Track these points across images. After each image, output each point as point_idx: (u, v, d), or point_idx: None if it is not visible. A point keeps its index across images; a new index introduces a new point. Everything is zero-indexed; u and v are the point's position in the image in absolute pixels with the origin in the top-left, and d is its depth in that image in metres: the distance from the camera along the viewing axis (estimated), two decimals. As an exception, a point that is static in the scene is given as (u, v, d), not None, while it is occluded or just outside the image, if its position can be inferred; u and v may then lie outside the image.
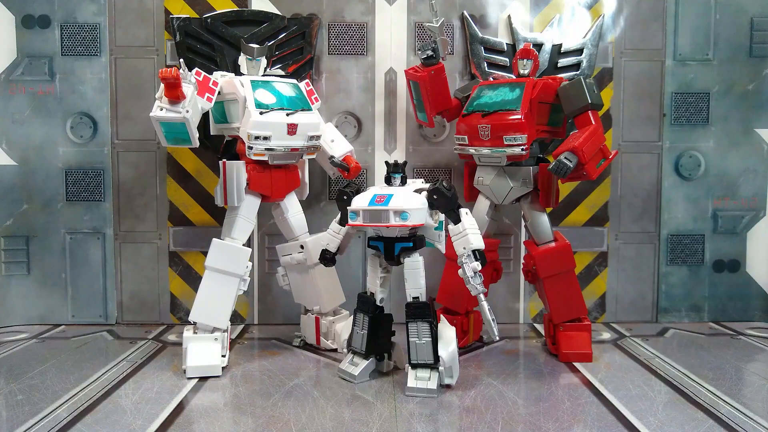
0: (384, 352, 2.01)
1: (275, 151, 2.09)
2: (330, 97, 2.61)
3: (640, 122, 2.65)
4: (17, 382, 1.95)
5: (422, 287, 1.88)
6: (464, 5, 2.59)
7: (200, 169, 2.61)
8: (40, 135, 2.58)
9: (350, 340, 2.03)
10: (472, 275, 1.79)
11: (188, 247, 2.63)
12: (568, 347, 2.16)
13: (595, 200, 2.67)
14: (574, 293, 2.21)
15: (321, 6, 2.58)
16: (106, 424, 1.64)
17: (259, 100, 2.07)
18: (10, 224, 2.60)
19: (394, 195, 1.84)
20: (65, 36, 2.56)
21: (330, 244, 2.02)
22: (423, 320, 1.85)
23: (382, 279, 1.96)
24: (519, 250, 2.66)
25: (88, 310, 2.63)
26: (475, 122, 2.15)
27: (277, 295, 2.62)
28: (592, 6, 2.60)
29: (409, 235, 1.88)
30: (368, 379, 1.97)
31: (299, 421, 1.66)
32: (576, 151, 1.95)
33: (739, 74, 2.64)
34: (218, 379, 1.99)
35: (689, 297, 2.70)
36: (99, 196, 2.61)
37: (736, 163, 2.67)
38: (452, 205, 1.84)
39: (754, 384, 1.95)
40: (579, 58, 2.55)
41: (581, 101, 2.06)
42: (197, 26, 2.48)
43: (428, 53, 2.15)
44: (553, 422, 1.65)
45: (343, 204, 1.94)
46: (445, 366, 1.84)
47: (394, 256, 1.89)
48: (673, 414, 1.70)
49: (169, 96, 1.89)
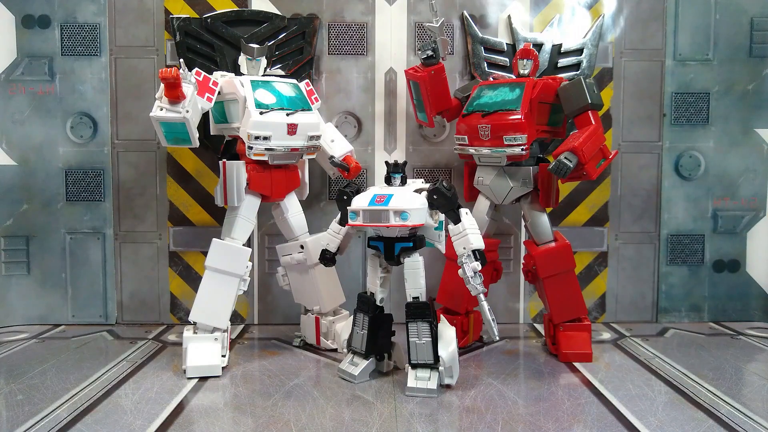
0: (384, 352, 2.01)
1: (275, 151, 2.09)
2: (330, 97, 2.61)
3: (640, 122, 2.65)
4: (17, 382, 1.95)
5: (422, 287, 1.88)
6: (464, 5, 2.59)
7: (200, 169, 2.61)
8: (40, 135, 2.58)
9: (350, 340, 2.03)
10: (472, 275, 1.79)
11: (188, 247, 2.63)
12: (568, 347, 2.16)
13: (595, 200, 2.67)
14: (574, 293, 2.21)
15: (321, 6, 2.58)
16: (106, 424, 1.64)
17: (259, 100, 2.07)
18: (10, 224, 2.60)
19: (394, 195, 1.84)
20: (65, 36, 2.56)
21: (330, 244, 2.02)
22: (423, 320, 1.85)
23: (382, 279, 1.96)
24: (519, 250, 2.66)
25: (88, 310, 2.63)
26: (475, 122, 2.15)
27: (277, 295, 2.62)
28: (592, 6, 2.60)
29: (409, 235, 1.88)
30: (368, 379, 1.97)
31: (299, 421, 1.65)
32: (576, 151, 1.95)
33: (739, 74, 2.64)
34: (218, 379, 1.99)
35: (689, 297, 2.70)
36: (99, 196, 2.61)
37: (736, 163, 2.67)
38: (452, 205, 1.84)
39: (754, 384, 1.95)
40: (579, 58, 2.55)
41: (581, 101, 2.06)
42: (197, 26, 2.49)
43: (428, 53, 2.16)
44: (553, 422, 1.65)
45: (343, 204, 1.94)
46: (445, 366, 1.84)
47: (394, 256, 1.89)
48: (673, 414, 1.70)
49: (169, 96, 1.89)
